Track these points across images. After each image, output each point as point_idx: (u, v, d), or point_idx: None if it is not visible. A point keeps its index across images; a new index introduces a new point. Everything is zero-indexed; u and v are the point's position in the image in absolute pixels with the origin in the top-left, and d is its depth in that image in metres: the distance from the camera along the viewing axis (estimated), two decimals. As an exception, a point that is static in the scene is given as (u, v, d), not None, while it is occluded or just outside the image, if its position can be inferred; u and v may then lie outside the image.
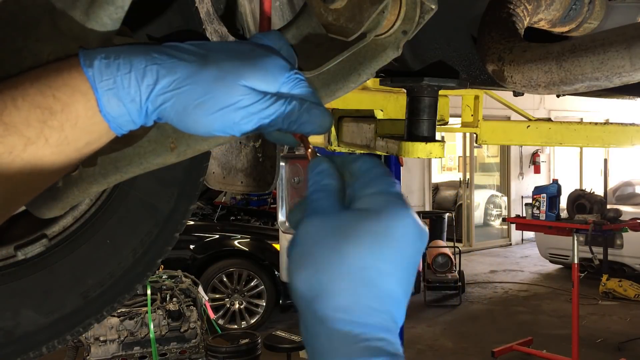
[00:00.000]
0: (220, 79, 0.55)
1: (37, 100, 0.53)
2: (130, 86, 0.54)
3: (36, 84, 0.53)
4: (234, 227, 7.48)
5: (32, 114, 0.53)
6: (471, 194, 12.61)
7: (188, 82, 0.55)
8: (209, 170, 1.32)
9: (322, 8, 0.83)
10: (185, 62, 0.55)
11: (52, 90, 0.53)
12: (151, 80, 0.55)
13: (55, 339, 1.18)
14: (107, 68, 0.54)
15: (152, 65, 0.55)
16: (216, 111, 0.56)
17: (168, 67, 0.55)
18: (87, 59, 0.55)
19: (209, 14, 1.07)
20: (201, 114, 0.56)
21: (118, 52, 0.55)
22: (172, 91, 0.55)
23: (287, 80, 0.59)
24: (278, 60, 0.59)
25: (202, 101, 0.55)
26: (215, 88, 0.55)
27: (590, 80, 0.95)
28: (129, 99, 0.55)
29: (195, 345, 4.61)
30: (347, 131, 1.81)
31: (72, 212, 1.15)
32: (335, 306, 0.49)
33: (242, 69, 0.56)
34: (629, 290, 8.17)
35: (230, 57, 0.57)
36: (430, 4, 0.83)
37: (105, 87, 0.54)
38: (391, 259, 0.50)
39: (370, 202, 0.52)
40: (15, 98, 0.53)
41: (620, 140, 2.14)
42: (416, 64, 1.20)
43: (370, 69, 0.84)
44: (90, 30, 0.64)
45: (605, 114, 13.39)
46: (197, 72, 0.55)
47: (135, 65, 0.54)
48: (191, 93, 0.55)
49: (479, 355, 6.26)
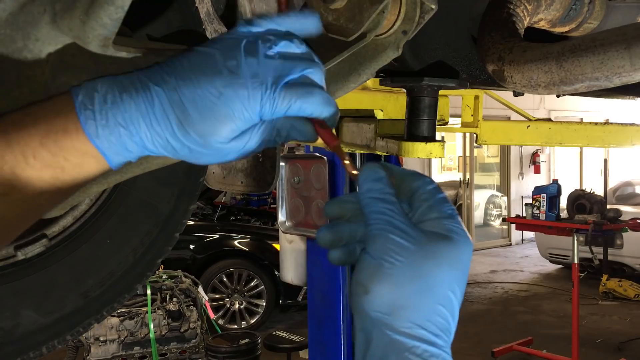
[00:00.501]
0: (204, 144, 0.58)
1: (48, 160, 0.56)
2: (134, 148, 0.58)
3: (46, 145, 0.56)
4: (234, 227, 7.48)
5: (44, 172, 0.56)
6: (471, 194, 12.61)
7: (181, 145, 0.58)
8: (209, 170, 1.32)
9: (322, 8, 0.83)
10: (172, 127, 0.57)
11: (63, 152, 0.56)
12: (149, 145, 0.58)
13: (55, 339, 1.18)
14: (112, 135, 0.57)
15: (147, 133, 0.57)
16: (209, 160, 0.60)
17: (159, 133, 0.57)
18: (90, 126, 0.56)
19: (209, 14, 1.06)
20: (199, 162, 0.61)
21: (115, 114, 0.56)
22: (172, 150, 0.59)
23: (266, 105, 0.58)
24: (246, 97, 0.57)
25: (197, 157, 0.59)
26: (203, 149, 0.58)
27: (590, 80, 0.95)
28: (134, 155, 0.59)
29: (195, 345, 4.61)
30: (347, 131, 1.81)
31: (72, 212, 1.15)
32: (413, 321, 0.53)
33: (218, 129, 0.57)
34: (629, 290, 8.16)
35: (204, 116, 0.57)
36: (430, 4, 0.83)
37: (113, 153, 0.58)
38: (461, 281, 0.56)
39: (442, 227, 0.56)
40: (26, 156, 0.55)
41: (620, 140, 2.14)
42: (416, 64, 1.20)
43: (370, 69, 0.84)
44: (91, 30, 0.64)
45: (605, 114, 13.39)
46: (183, 139, 0.57)
47: (136, 132, 0.57)
48: (187, 152, 0.59)
49: (479, 355, 6.26)
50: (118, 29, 0.66)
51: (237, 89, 0.57)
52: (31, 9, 0.66)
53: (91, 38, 0.64)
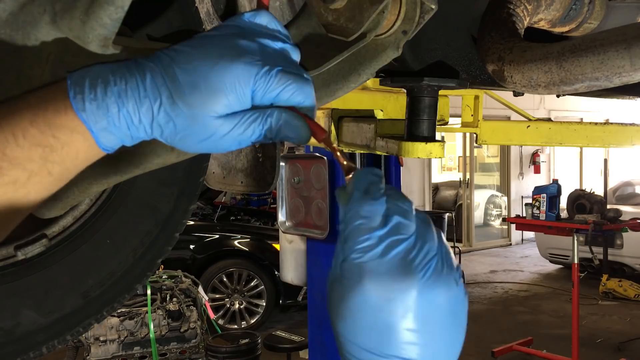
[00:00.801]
0: (193, 117, 0.57)
1: (37, 138, 0.56)
2: (121, 124, 0.57)
3: (35, 123, 0.56)
4: (234, 227, 7.48)
5: (33, 151, 0.56)
6: (471, 194, 12.61)
7: (167, 119, 0.57)
8: (209, 170, 1.32)
9: (322, 8, 0.83)
10: (161, 99, 0.57)
11: (52, 130, 0.56)
12: (136, 119, 0.57)
13: (55, 339, 1.18)
14: (98, 110, 0.56)
15: (135, 105, 0.57)
16: (198, 143, 0.59)
17: (148, 106, 0.57)
18: (77, 100, 0.56)
19: (209, 14, 1.07)
20: (186, 145, 0.59)
21: (105, 88, 0.57)
22: (157, 127, 0.58)
23: (257, 87, 0.58)
24: (238, 72, 0.57)
25: (183, 136, 0.58)
26: (190, 125, 0.57)
27: (590, 80, 0.95)
28: (122, 133, 0.58)
29: (195, 345, 4.61)
30: (347, 131, 1.81)
31: (72, 212, 1.15)
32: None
33: (208, 101, 0.57)
34: (629, 290, 8.16)
35: (196, 85, 0.57)
36: (430, 4, 0.83)
37: (100, 128, 0.57)
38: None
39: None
40: (16, 136, 0.55)
41: (620, 140, 2.14)
42: (416, 64, 1.20)
43: (370, 69, 0.84)
44: (91, 30, 0.64)
45: (605, 114, 13.39)
46: (170, 111, 0.57)
47: (122, 105, 0.56)
48: (172, 129, 0.58)
49: (479, 355, 6.26)
50: (118, 29, 0.66)
51: (233, 60, 0.57)
52: (31, 9, 0.66)
53: (91, 38, 0.64)
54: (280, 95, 0.58)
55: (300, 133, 0.60)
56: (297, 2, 1.07)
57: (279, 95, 0.58)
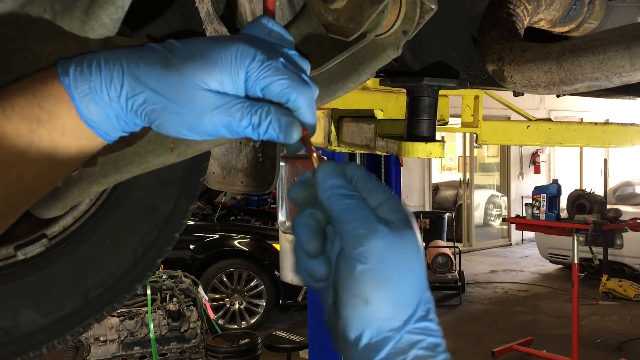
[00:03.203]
0: (180, 84, 0.55)
1: (25, 110, 0.55)
2: (102, 91, 0.55)
3: (24, 94, 0.55)
4: (234, 227, 7.48)
5: (21, 124, 0.54)
6: (471, 194, 12.61)
7: (150, 87, 0.55)
8: (209, 170, 1.32)
9: (322, 8, 0.83)
10: (149, 67, 0.55)
11: (38, 100, 0.55)
12: (118, 85, 0.55)
13: (55, 339, 1.18)
14: (82, 75, 0.55)
15: (119, 70, 0.55)
16: (179, 116, 0.56)
17: (132, 72, 0.55)
18: (63, 68, 0.56)
19: (209, 14, 1.07)
20: (167, 118, 0.56)
21: (91, 59, 0.56)
22: (137, 95, 0.56)
23: (251, 70, 0.56)
24: (238, 49, 0.56)
25: (165, 105, 0.55)
26: (175, 94, 0.55)
27: (590, 80, 0.95)
28: (104, 102, 0.56)
29: (195, 345, 4.61)
30: (347, 131, 1.81)
31: (72, 212, 1.15)
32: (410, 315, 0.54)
33: (199, 71, 0.55)
34: (629, 290, 8.16)
35: (192, 56, 0.56)
36: (430, 4, 0.83)
37: (82, 94, 0.55)
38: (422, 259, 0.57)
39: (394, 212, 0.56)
40: (5, 109, 0.54)
41: (620, 140, 2.14)
42: (416, 64, 1.20)
43: (370, 69, 0.84)
44: (91, 30, 0.64)
45: (605, 114, 13.39)
46: (159, 77, 0.55)
47: (105, 71, 0.55)
48: (154, 98, 0.55)
49: (479, 355, 6.26)
50: (118, 28, 0.66)
51: (234, 41, 0.56)
52: (31, 9, 0.66)
53: (91, 38, 0.64)
54: (272, 87, 0.56)
55: (289, 130, 0.57)
56: (297, 2, 1.07)
57: (269, 87, 0.56)
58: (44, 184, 0.60)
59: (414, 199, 11.62)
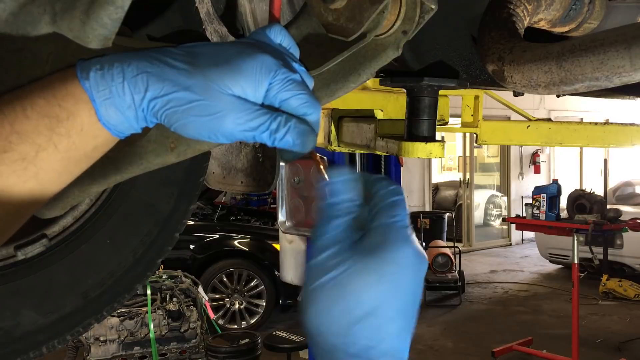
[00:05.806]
0: (206, 88, 0.56)
1: (45, 109, 0.56)
2: (124, 94, 0.57)
3: (43, 94, 0.57)
4: (234, 227, 7.48)
5: (41, 122, 0.56)
6: (471, 194, 12.61)
7: (175, 89, 0.56)
8: (209, 170, 1.32)
9: (322, 8, 0.83)
10: (174, 70, 0.57)
11: (58, 99, 0.56)
12: (142, 87, 0.56)
13: (55, 339, 1.18)
14: (102, 79, 0.56)
15: (143, 74, 0.56)
16: (203, 118, 0.57)
17: (157, 74, 0.57)
18: (83, 70, 0.57)
19: (209, 14, 1.07)
20: (190, 120, 0.57)
21: (112, 62, 0.57)
22: (162, 97, 0.57)
23: (275, 82, 0.58)
24: (263, 61, 0.58)
25: (189, 107, 0.57)
26: (200, 97, 0.57)
27: (590, 80, 0.95)
28: (125, 106, 0.57)
29: (195, 345, 4.61)
30: (347, 131, 1.81)
31: (72, 212, 1.15)
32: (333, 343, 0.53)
33: (226, 77, 0.57)
34: (629, 290, 8.16)
35: (216, 62, 0.57)
36: (430, 4, 0.83)
37: (102, 98, 0.57)
38: (392, 296, 0.53)
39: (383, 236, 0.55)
40: (25, 108, 0.56)
41: (620, 140, 2.14)
42: (416, 64, 1.20)
43: (370, 69, 0.84)
44: (90, 30, 0.64)
45: (605, 114, 13.39)
46: (184, 80, 0.56)
47: (127, 74, 0.56)
48: (179, 100, 0.57)
49: (479, 355, 6.26)
50: (118, 29, 0.66)
51: (260, 51, 0.59)
52: (31, 9, 0.66)
53: (91, 38, 0.64)
54: (291, 101, 0.59)
55: (305, 139, 0.59)
56: (297, 2, 1.07)
57: (289, 100, 0.59)
58: (59, 182, 0.61)
59: (414, 199, 11.63)
